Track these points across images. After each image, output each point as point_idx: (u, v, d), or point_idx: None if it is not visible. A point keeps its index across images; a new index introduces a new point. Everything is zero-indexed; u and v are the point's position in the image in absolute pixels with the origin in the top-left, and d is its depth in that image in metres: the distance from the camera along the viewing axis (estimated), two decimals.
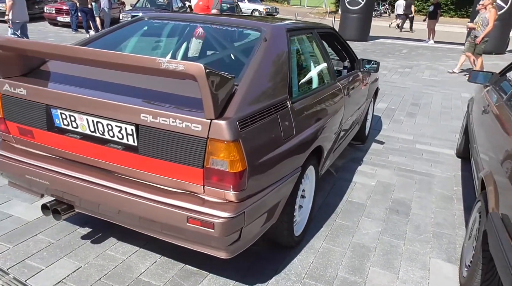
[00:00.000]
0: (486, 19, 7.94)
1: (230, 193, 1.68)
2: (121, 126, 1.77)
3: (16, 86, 1.96)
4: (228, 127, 1.60)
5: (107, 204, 1.85)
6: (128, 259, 2.20)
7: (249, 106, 1.77)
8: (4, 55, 1.94)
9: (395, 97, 6.59)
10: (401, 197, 3.15)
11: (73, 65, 2.10)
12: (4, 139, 2.16)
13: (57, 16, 12.71)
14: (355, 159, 3.87)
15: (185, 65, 1.49)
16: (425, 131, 4.91)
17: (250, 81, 1.87)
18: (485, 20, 7.96)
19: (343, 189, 3.22)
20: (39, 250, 2.21)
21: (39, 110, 1.93)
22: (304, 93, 2.34)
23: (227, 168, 1.63)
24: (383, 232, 2.64)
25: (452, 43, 14.75)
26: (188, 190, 1.76)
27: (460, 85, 7.88)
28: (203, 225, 1.65)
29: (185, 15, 2.80)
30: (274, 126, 1.91)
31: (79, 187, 1.87)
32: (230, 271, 2.16)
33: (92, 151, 1.88)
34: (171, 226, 1.75)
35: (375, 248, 2.46)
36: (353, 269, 2.25)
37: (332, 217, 2.79)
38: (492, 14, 7.86)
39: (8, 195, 2.74)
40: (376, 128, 4.87)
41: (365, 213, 2.86)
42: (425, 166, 3.81)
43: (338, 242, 2.50)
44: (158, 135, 1.70)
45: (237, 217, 1.66)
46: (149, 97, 1.78)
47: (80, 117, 1.86)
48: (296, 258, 2.31)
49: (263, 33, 2.23)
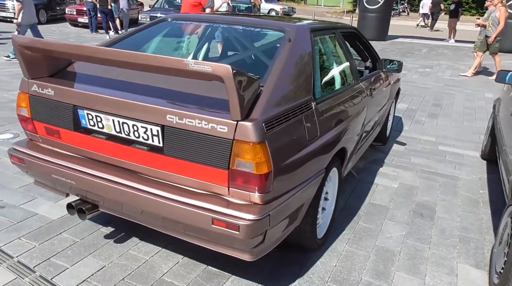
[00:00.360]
0: (496, 18, 7.72)
1: (255, 195, 1.67)
2: (146, 127, 1.78)
3: (44, 87, 1.98)
4: (254, 129, 1.59)
5: (132, 204, 1.86)
6: (151, 259, 2.21)
7: (274, 108, 1.75)
8: (32, 56, 1.97)
9: (416, 98, 6.47)
10: (425, 200, 3.08)
11: (99, 66, 2.12)
12: (31, 139, 2.20)
13: (77, 17, 12.96)
14: (377, 161, 3.81)
15: (212, 67, 1.49)
16: (448, 132, 4.80)
17: (275, 82, 1.85)
18: (495, 19, 7.75)
19: (364, 191, 3.17)
20: (64, 249, 2.24)
21: (66, 110, 1.95)
22: (328, 94, 2.30)
23: (253, 169, 1.62)
24: (408, 235, 2.58)
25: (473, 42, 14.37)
26: (212, 191, 1.75)
27: (483, 85, 7.69)
28: (228, 227, 1.63)
29: (208, 16, 2.80)
30: (299, 128, 1.89)
31: (104, 187, 1.88)
32: (252, 273, 2.14)
33: (117, 151, 1.90)
34: (196, 228, 1.75)
35: (399, 252, 2.41)
36: (378, 273, 2.21)
37: (355, 219, 2.75)
38: (502, 13, 7.63)
39: (33, 193, 2.79)
40: (397, 129, 4.79)
41: (388, 216, 2.81)
42: (449, 168, 3.72)
43: (362, 245, 2.46)
44: (183, 137, 1.70)
45: (263, 220, 1.65)
46: (175, 99, 1.78)
47: (106, 118, 1.87)
48: (319, 261, 2.28)
49: (287, 33, 2.21)
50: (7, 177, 3.00)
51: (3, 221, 2.45)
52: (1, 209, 2.58)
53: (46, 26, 13.03)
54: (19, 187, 2.87)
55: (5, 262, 2.10)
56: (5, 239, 2.29)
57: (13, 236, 2.32)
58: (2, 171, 3.08)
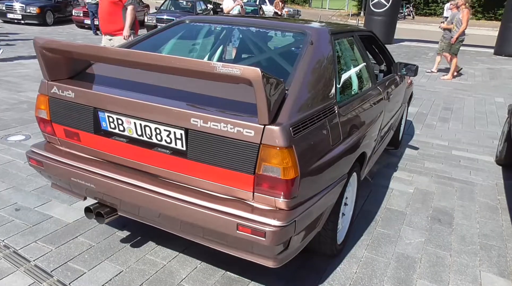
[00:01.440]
0: (460, 20, 8.07)
1: (282, 200, 1.63)
2: (169, 130, 1.75)
3: (64, 89, 1.96)
4: (282, 133, 1.56)
5: (153, 209, 1.82)
6: (169, 264, 2.18)
7: (300, 112, 1.72)
8: (52, 58, 1.95)
9: (426, 102, 6.43)
10: (442, 205, 3.04)
11: (118, 68, 2.09)
12: (49, 141, 2.18)
13: (84, 19, 12.99)
14: (390, 165, 3.77)
15: (241, 70, 1.46)
16: (460, 137, 4.75)
17: (300, 85, 1.82)
18: (459, 20, 8.10)
19: (380, 196, 3.13)
20: (81, 253, 2.22)
21: (86, 113, 1.93)
22: (349, 98, 2.27)
23: (280, 174, 1.58)
24: (427, 242, 2.54)
25: (480, 46, 14.35)
26: (236, 196, 1.72)
27: (493, 90, 7.64)
28: (254, 233, 1.60)
29: (226, 17, 2.78)
30: (323, 132, 1.86)
31: (125, 190, 1.85)
32: (272, 279, 2.11)
33: (138, 154, 1.87)
34: (219, 233, 1.71)
35: (420, 259, 2.36)
36: (399, 281, 2.16)
37: (372, 225, 2.71)
38: (465, 14, 8.00)
39: (48, 196, 2.77)
40: (408, 133, 4.75)
41: (406, 222, 2.77)
42: (464, 173, 3.67)
43: (381, 251, 2.41)
44: (208, 140, 1.67)
45: (289, 226, 1.61)
46: (199, 102, 1.75)
47: (128, 120, 1.84)
48: (339, 268, 2.24)
49: (309, 36, 2.18)
50: (20, 178, 2.98)
51: (18, 224, 2.43)
52: (16, 211, 2.56)
53: (53, 27, 13.10)
54: (33, 189, 2.84)
55: (22, 266, 2.07)
56: (22, 242, 2.26)
57: (30, 239, 2.29)
58: (16, 173, 3.06)
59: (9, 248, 2.21)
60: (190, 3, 14.26)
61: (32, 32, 11.59)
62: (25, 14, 13.00)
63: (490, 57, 12.31)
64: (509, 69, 10.21)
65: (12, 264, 2.08)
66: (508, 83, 8.38)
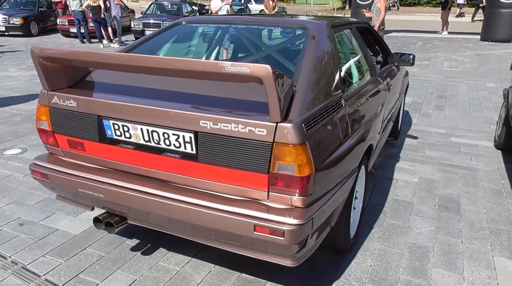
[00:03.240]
0: (378, 9, 8.40)
1: (298, 198, 1.61)
2: (178, 134, 1.72)
3: (66, 98, 1.92)
4: (295, 130, 1.53)
5: (165, 215, 1.79)
6: (182, 270, 2.15)
7: (310, 107, 1.71)
8: (51, 67, 1.90)
9: (419, 91, 6.46)
10: (448, 193, 3.05)
11: (119, 73, 2.06)
12: (51, 153, 2.13)
13: (69, 28, 12.81)
14: (392, 156, 3.77)
15: (250, 68, 1.43)
16: (457, 124, 4.78)
17: (307, 81, 1.80)
18: (378, 10, 8.41)
19: (385, 188, 3.13)
20: (91, 264, 2.17)
21: (90, 121, 1.89)
22: (353, 91, 2.26)
23: (295, 172, 1.56)
24: (437, 230, 2.54)
25: (466, 33, 14.50)
26: (250, 197, 1.70)
27: (484, 75, 7.71)
28: (272, 233, 1.58)
29: (222, 17, 2.75)
30: (333, 127, 1.84)
31: (135, 198, 1.82)
32: (288, 278, 2.09)
33: (146, 161, 1.83)
34: (235, 235, 1.69)
35: (432, 247, 2.36)
36: (415, 271, 2.16)
37: (381, 217, 2.70)
38: (382, 3, 8.35)
39: (51, 208, 2.71)
40: (406, 123, 4.76)
41: (414, 211, 2.77)
42: (465, 159, 3.69)
43: (393, 243, 2.41)
44: (219, 142, 1.64)
45: (307, 223, 1.59)
46: (206, 103, 1.72)
47: (134, 127, 1.81)
48: (353, 262, 2.23)
49: (309, 31, 2.16)
50: (21, 193, 2.92)
51: (24, 239, 2.37)
52: (20, 226, 2.50)
53: (38, 38, 12.90)
54: (36, 202, 2.79)
55: (32, 282, 2.03)
56: (30, 257, 2.21)
57: (37, 253, 2.24)
58: (16, 187, 3.00)
59: (17, 264, 2.16)
60: (175, 6, 14.16)
61: (17, 43, 11.41)
62: (8, 25, 12.79)
63: (477, 43, 12.43)
64: (497, 54, 10.32)
65: (22, 280, 2.03)
66: (497, 68, 8.47)
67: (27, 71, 7.29)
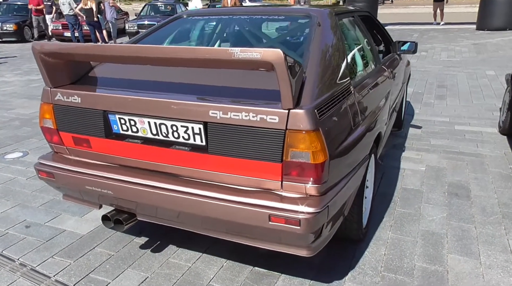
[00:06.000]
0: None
1: (312, 186, 1.58)
2: (187, 126, 1.68)
3: (69, 94, 1.88)
4: (308, 116, 1.50)
5: (179, 209, 1.75)
6: (194, 266, 2.11)
7: (321, 93, 1.67)
8: (53, 63, 1.86)
9: (419, 81, 6.44)
10: (456, 180, 3.02)
11: (123, 67, 2.02)
12: (56, 151, 2.09)
13: (64, 32, 12.73)
14: (397, 146, 3.74)
15: (261, 53, 1.40)
16: (460, 112, 4.76)
17: (316, 67, 1.77)
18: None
19: (393, 177, 3.10)
20: (101, 263, 2.13)
21: (95, 117, 1.85)
22: (360, 78, 2.23)
23: (309, 159, 1.53)
24: (449, 217, 2.51)
25: (462, 23, 14.49)
26: (263, 187, 1.66)
27: (482, 64, 7.69)
28: (288, 222, 1.54)
29: (225, 9, 2.71)
30: (344, 114, 1.81)
31: (145, 193, 1.78)
32: (302, 270, 2.06)
33: (155, 155, 1.79)
34: (249, 226, 1.65)
35: (446, 234, 2.33)
36: (430, 258, 2.13)
37: (391, 206, 2.67)
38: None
39: (57, 210, 2.67)
40: (408, 113, 4.74)
41: (424, 199, 2.74)
42: (471, 146, 3.67)
43: (405, 231, 2.38)
44: (229, 132, 1.60)
45: (322, 211, 1.56)
46: (215, 93, 1.69)
47: (141, 120, 1.77)
48: (367, 251, 2.20)
49: (314, 18, 2.13)
50: (25, 195, 2.87)
51: (31, 241, 2.33)
52: (26, 228, 2.46)
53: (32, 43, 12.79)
54: (41, 204, 2.74)
55: (43, 283, 1.99)
56: (38, 259, 2.17)
57: (46, 255, 2.20)
58: (20, 190, 2.95)
59: (26, 266, 2.11)
60: (170, 7, 14.12)
61: (12, 49, 11.34)
62: (1, 32, 12.72)
63: (473, 33, 12.43)
64: (494, 42, 10.32)
65: (32, 282, 1.99)
66: (495, 56, 8.46)
67: (23, 76, 7.22)
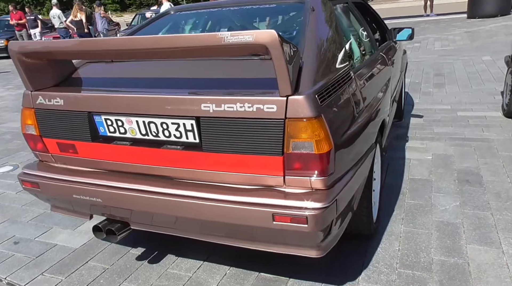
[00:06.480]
0: None
1: (318, 179, 1.44)
2: (178, 122, 1.54)
3: (51, 97, 1.74)
4: (308, 102, 1.37)
5: (173, 214, 1.61)
6: (195, 275, 1.97)
7: (320, 78, 1.54)
8: (33, 64, 1.72)
9: (415, 71, 6.32)
10: (465, 166, 2.89)
11: (109, 65, 1.90)
12: (41, 160, 1.94)
13: None
14: (399, 136, 3.62)
15: (253, 35, 1.26)
16: (461, 98, 4.64)
17: (313, 51, 1.63)
18: None
19: (399, 168, 2.96)
20: (95, 278, 1.99)
21: (80, 119, 1.71)
22: (359, 64, 2.10)
23: (313, 149, 1.39)
24: (463, 205, 2.38)
25: (452, 13, 14.43)
26: (264, 184, 1.52)
27: (477, 50, 7.59)
28: (294, 221, 1.40)
29: (211, 2, 2.58)
30: (347, 99, 1.67)
31: (137, 199, 1.64)
32: (311, 272, 1.91)
33: (145, 157, 1.66)
34: (252, 228, 1.51)
35: (461, 223, 2.20)
36: (448, 250, 1.99)
37: (400, 198, 2.54)
38: None
39: (47, 224, 2.52)
40: (408, 104, 4.61)
41: (434, 189, 2.61)
42: (476, 131, 3.54)
43: (418, 223, 2.24)
44: (224, 126, 1.47)
45: (331, 206, 1.42)
46: (206, 86, 1.55)
47: (129, 120, 1.63)
48: (380, 247, 2.06)
49: (307, 3, 2.00)
50: (15, 210, 2.72)
51: (20, 258, 2.18)
52: (15, 245, 2.31)
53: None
54: (31, 219, 2.59)
55: None
56: (27, 277, 2.02)
57: (35, 272, 2.05)
58: (8, 205, 2.80)
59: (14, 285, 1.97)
60: None
61: (3, 65, 11.20)
62: None
63: (464, 21, 12.35)
64: (486, 29, 10.23)
65: None
66: (489, 42, 8.36)
67: (14, 90, 7.07)
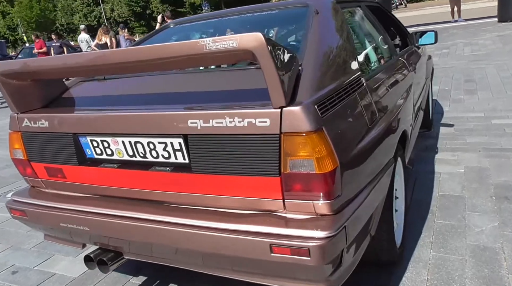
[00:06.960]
0: None
1: (322, 203, 1.23)
2: (165, 141, 1.39)
3: (36, 119, 1.63)
4: (306, 114, 1.18)
5: (163, 244, 1.44)
6: None
7: (322, 86, 1.35)
8: (18, 85, 1.63)
9: (444, 78, 5.98)
10: (503, 180, 2.57)
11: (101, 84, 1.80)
12: (33, 186, 1.84)
13: None
14: (428, 147, 3.33)
15: (237, 40, 1.10)
16: (495, 105, 4.28)
17: (315, 57, 1.45)
18: None
19: (428, 183, 2.68)
20: None
21: (66, 142, 1.59)
22: (374, 69, 1.90)
23: (314, 168, 1.19)
24: (502, 226, 2.08)
25: (482, 18, 13.85)
26: (262, 209, 1.33)
27: (510, 53, 7.13)
28: (294, 253, 1.20)
29: (212, 13, 2.46)
30: (356, 109, 1.47)
31: (126, 227, 1.48)
32: None
33: (134, 180, 1.51)
34: (249, 260, 1.32)
35: (501, 248, 1.91)
36: (486, 280, 1.71)
37: (429, 217, 2.26)
38: None
39: (50, 251, 2.42)
40: (437, 112, 4.30)
41: (468, 207, 2.31)
42: None
43: (450, 248, 1.97)
44: (213, 144, 1.30)
45: (338, 235, 1.21)
46: (192, 100, 1.40)
47: (114, 141, 1.49)
48: (405, 277, 1.80)
49: (311, 7, 1.83)
50: (19, 236, 2.65)
51: None
52: (13, 275, 2.20)
53: None
54: (34, 246, 2.50)
55: None
56: None
57: None
58: (15, 231, 2.73)
59: None
60: None
61: None
62: None
63: (495, 25, 11.80)
64: None
65: None
66: None
67: (6, 117, 7.22)
